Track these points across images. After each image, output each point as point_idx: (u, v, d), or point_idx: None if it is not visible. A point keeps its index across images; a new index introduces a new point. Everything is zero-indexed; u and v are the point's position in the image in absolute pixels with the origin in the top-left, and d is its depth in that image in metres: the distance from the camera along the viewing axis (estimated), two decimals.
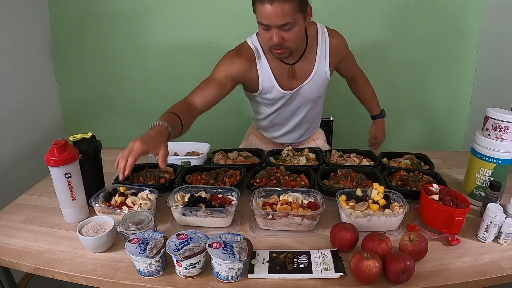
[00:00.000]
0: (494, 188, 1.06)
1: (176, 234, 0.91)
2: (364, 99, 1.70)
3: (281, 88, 1.39)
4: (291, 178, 1.25)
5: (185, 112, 1.21)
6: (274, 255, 0.92)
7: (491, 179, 1.12)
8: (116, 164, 0.98)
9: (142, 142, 0.96)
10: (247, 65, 1.34)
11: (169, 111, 1.17)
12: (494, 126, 1.09)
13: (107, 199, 1.11)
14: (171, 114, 1.15)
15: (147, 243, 0.87)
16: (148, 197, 1.12)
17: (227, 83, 1.33)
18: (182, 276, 0.87)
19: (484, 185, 1.14)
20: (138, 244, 0.87)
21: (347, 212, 1.01)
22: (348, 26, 2.01)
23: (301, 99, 1.46)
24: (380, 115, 1.69)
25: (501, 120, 1.07)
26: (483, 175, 1.14)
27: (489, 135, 1.11)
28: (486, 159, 1.12)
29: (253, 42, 1.38)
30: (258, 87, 1.40)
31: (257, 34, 1.38)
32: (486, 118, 1.12)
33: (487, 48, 1.96)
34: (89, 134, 1.16)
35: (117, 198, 1.10)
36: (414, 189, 1.18)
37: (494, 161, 1.11)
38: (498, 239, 0.98)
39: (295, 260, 0.90)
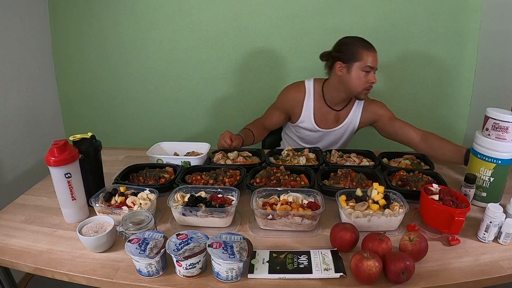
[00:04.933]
0: (470, 181, 1.12)
1: (176, 234, 0.91)
2: (446, 154, 1.43)
3: (317, 126, 1.65)
4: (291, 178, 1.25)
5: (257, 129, 1.69)
6: (274, 255, 0.92)
7: (491, 179, 1.12)
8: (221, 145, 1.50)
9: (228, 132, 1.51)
10: (296, 101, 1.64)
11: (245, 127, 1.67)
12: (494, 126, 1.09)
13: (107, 199, 1.11)
14: (247, 130, 1.65)
15: (147, 243, 0.87)
16: (148, 197, 1.12)
17: (283, 110, 1.69)
18: (182, 276, 0.87)
19: (484, 185, 1.14)
20: (138, 244, 0.87)
21: (347, 212, 1.01)
22: (347, 26, 2.01)
23: (327, 141, 1.71)
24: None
25: (501, 120, 1.07)
26: (483, 175, 1.14)
27: (489, 135, 1.11)
28: (486, 159, 1.12)
29: (308, 84, 1.65)
30: (298, 119, 1.66)
31: (315, 79, 1.65)
32: (486, 118, 1.12)
33: (487, 48, 1.96)
34: (89, 134, 1.16)
35: (117, 198, 1.10)
36: (414, 189, 1.18)
37: (494, 161, 1.11)
38: (498, 239, 0.98)
39: (295, 260, 0.90)
